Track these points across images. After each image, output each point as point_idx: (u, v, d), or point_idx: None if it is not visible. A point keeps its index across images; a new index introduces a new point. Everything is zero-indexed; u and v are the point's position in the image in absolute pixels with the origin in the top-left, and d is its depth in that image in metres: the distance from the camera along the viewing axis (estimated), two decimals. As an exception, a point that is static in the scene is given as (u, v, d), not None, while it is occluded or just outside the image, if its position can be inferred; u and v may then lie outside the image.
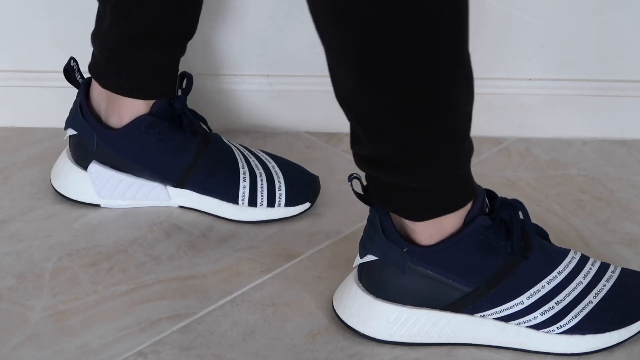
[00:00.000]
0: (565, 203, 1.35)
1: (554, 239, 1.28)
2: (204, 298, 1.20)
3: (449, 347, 1.12)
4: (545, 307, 1.09)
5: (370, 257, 1.10)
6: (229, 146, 1.32)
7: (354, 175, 1.09)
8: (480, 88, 1.47)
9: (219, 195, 1.30)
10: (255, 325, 1.16)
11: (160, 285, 1.22)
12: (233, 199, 1.29)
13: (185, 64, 1.42)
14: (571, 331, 1.09)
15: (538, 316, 1.09)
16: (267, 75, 1.48)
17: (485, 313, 1.10)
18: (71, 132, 1.31)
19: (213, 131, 1.35)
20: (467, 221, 1.07)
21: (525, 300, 1.09)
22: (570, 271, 1.11)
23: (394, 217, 1.09)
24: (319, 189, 1.33)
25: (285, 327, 1.15)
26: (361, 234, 1.23)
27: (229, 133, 1.47)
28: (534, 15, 1.43)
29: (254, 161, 1.31)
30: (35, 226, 1.31)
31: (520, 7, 1.43)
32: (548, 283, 1.09)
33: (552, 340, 1.10)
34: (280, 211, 1.30)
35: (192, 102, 1.40)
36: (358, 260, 1.12)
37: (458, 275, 1.08)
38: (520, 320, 1.09)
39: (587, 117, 1.48)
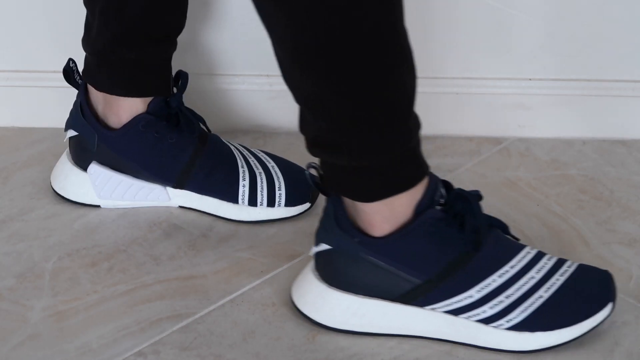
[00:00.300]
0: (565, 203, 1.35)
1: (554, 239, 1.28)
2: (204, 298, 1.19)
3: (449, 347, 1.12)
4: (495, 301, 1.09)
5: (324, 246, 1.11)
6: (228, 146, 1.32)
7: (312, 164, 1.10)
8: (480, 88, 1.48)
9: (219, 195, 1.30)
10: (255, 325, 1.16)
11: (160, 285, 1.22)
12: (233, 198, 1.29)
13: (185, 64, 1.42)
14: (520, 327, 1.09)
15: (487, 310, 1.09)
16: (267, 75, 1.48)
17: (435, 306, 1.10)
18: (72, 133, 1.31)
19: (212, 132, 1.35)
20: (418, 212, 1.08)
21: (475, 293, 1.09)
22: (524, 266, 1.11)
23: (349, 208, 1.10)
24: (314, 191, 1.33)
25: (285, 327, 1.15)
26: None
27: (229, 133, 1.47)
28: (534, 15, 1.43)
29: (253, 161, 1.31)
30: (35, 226, 1.31)
31: (520, 7, 1.43)
32: (499, 277, 1.09)
33: (501, 336, 1.10)
34: (281, 211, 1.30)
35: (192, 102, 1.40)
36: (313, 249, 1.13)
37: (409, 266, 1.09)
38: (470, 313, 1.09)
39: (587, 117, 1.48)
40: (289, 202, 1.29)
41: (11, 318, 1.16)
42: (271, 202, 1.29)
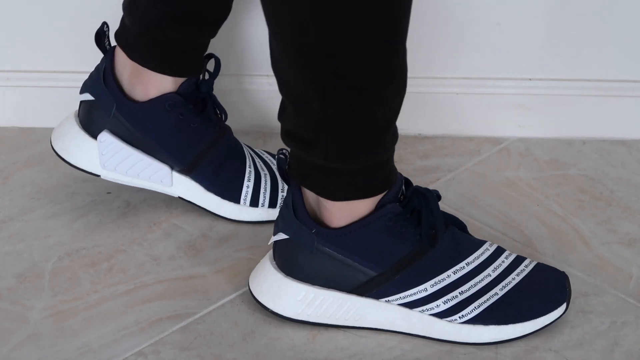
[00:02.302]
0: (565, 203, 1.35)
1: (554, 239, 1.28)
2: (204, 298, 1.19)
3: (450, 346, 1.12)
4: (448, 296, 1.10)
5: (281, 236, 1.12)
6: (241, 144, 1.32)
7: (282, 150, 1.11)
8: (480, 88, 1.48)
9: (222, 192, 1.29)
10: (255, 325, 1.16)
11: (160, 285, 1.22)
12: (235, 198, 1.29)
13: (185, 64, 1.42)
14: (473, 321, 1.11)
15: (441, 304, 1.10)
16: (267, 75, 1.48)
17: (390, 298, 1.11)
18: (87, 97, 1.28)
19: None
20: (379, 206, 1.09)
21: (429, 287, 1.10)
22: (480, 263, 1.12)
23: (308, 198, 1.11)
24: None
25: (285, 327, 1.15)
26: (362, 234, 1.24)
27: (229, 133, 1.47)
28: (534, 15, 1.43)
29: (259, 162, 1.31)
30: (35, 226, 1.31)
31: (520, 7, 1.43)
32: (454, 273, 1.11)
33: (455, 329, 1.11)
34: None
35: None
36: (272, 238, 1.14)
37: (364, 258, 1.10)
38: (424, 307, 1.11)
39: (587, 117, 1.48)
40: None
41: (11, 318, 1.16)
42: (273, 203, 1.29)
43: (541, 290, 1.13)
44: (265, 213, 1.30)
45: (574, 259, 1.25)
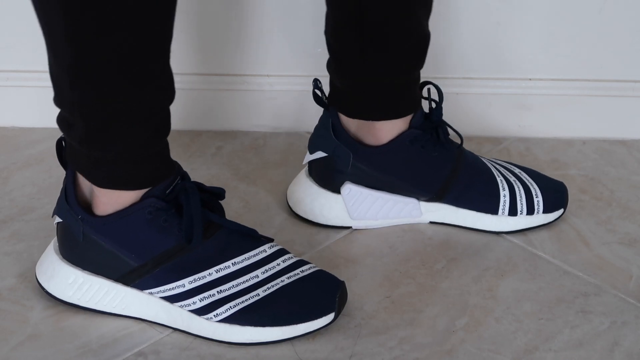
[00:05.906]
0: (565, 203, 1.35)
1: (554, 239, 1.28)
2: (204, 298, 1.19)
3: (450, 346, 1.12)
4: (205, 294, 1.11)
5: (57, 219, 1.15)
6: (481, 159, 1.31)
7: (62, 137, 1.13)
8: (480, 88, 1.48)
9: (478, 207, 1.28)
10: (255, 325, 1.16)
11: (160, 285, 1.22)
12: (493, 209, 1.28)
13: (185, 64, 1.42)
14: (228, 321, 1.11)
15: (197, 302, 1.11)
16: (267, 75, 1.48)
17: (152, 291, 1.12)
18: (319, 154, 1.27)
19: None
20: (142, 198, 1.10)
21: (187, 284, 1.11)
22: (250, 264, 1.12)
23: (84, 182, 1.12)
24: (567, 195, 1.31)
25: (285, 327, 1.15)
26: (361, 234, 1.23)
27: (229, 133, 1.47)
28: (534, 15, 1.43)
29: (504, 170, 1.30)
30: (35, 226, 1.31)
31: (521, 7, 1.43)
32: (217, 272, 1.11)
33: (212, 327, 1.11)
34: (539, 218, 1.29)
35: (192, 102, 1.40)
36: (56, 219, 1.16)
37: (125, 248, 1.11)
38: (182, 303, 1.11)
39: (587, 117, 1.48)
40: (547, 209, 1.29)
41: (11, 318, 1.16)
42: (530, 210, 1.28)
43: (308, 296, 1.12)
44: (524, 221, 1.28)
45: (574, 259, 1.25)
